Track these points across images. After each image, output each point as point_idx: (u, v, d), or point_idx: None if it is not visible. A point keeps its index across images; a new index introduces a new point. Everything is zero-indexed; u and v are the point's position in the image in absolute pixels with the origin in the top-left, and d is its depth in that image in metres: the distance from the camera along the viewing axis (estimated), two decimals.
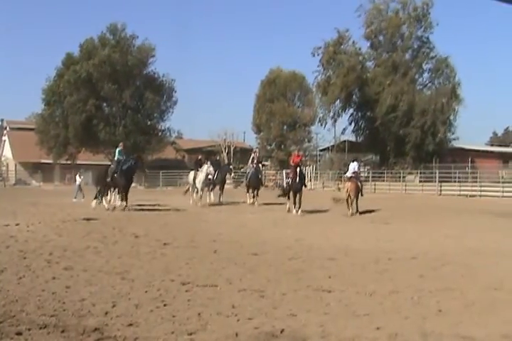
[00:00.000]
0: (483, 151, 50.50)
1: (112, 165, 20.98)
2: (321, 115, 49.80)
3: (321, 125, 50.29)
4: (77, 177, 30.45)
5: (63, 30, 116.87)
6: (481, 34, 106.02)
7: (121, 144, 22.68)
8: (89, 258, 9.66)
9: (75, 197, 28.16)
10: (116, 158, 21.28)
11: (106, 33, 54.16)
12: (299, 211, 19.93)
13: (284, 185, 23.89)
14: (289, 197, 20.92)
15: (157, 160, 57.27)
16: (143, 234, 13.24)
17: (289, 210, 20.52)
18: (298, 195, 20.34)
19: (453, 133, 45.95)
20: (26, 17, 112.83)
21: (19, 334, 5.21)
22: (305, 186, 21.42)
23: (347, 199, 20.77)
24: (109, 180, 20.52)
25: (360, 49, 47.54)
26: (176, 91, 57.17)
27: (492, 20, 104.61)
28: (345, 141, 50.28)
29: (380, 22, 45.64)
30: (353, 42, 47.26)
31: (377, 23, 45.79)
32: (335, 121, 48.69)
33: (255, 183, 24.15)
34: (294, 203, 20.31)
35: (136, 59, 53.62)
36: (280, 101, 57.28)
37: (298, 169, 20.63)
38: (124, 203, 20.30)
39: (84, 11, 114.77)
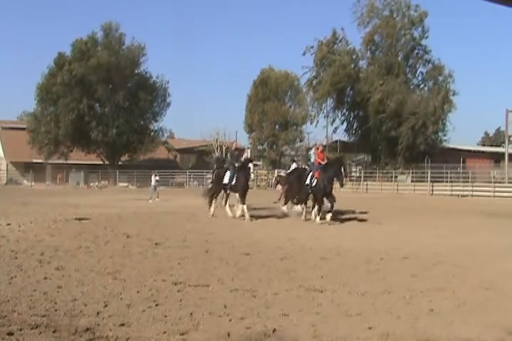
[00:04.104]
0: (474, 151, 50.77)
1: (307, 169, 18.68)
2: (311, 113, 50.15)
3: (311, 123, 50.76)
4: (153, 177, 29.18)
5: (55, 29, 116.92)
6: (476, 34, 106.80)
7: (318, 144, 20.69)
8: (81, 258, 9.63)
9: (151, 198, 27.52)
10: (310, 162, 18.83)
11: (98, 32, 54.15)
12: (328, 217, 16.95)
13: (277, 186, 22.69)
14: (305, 204, 18.44)
15: (149, 160, 57.27)
16: (134, 233, 13.21)
17: (305, 218, 17.74)
18: (328, 199, 17.37)
19: (445, 135, 46.23)
20: (16, 16, 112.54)
21: (10, 334, 5.17)
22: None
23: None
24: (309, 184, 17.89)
25: (353, 49, 47.62)
26: (169, 95, 57.38)
27: (489, 22, 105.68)
28: (337, 141, 50.42)
29: (375, 21, 45.70)
30: (347, 41, 47.40)
31: (373, 22, 45.88)
32: (326, 117, 48.91)
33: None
34: (319, 209, 17.44)
35: (127, 58, 53.62)
36: (272, 101, 57.35)
37: (341, 167, 17.14)
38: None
39: (76, 9, 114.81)
